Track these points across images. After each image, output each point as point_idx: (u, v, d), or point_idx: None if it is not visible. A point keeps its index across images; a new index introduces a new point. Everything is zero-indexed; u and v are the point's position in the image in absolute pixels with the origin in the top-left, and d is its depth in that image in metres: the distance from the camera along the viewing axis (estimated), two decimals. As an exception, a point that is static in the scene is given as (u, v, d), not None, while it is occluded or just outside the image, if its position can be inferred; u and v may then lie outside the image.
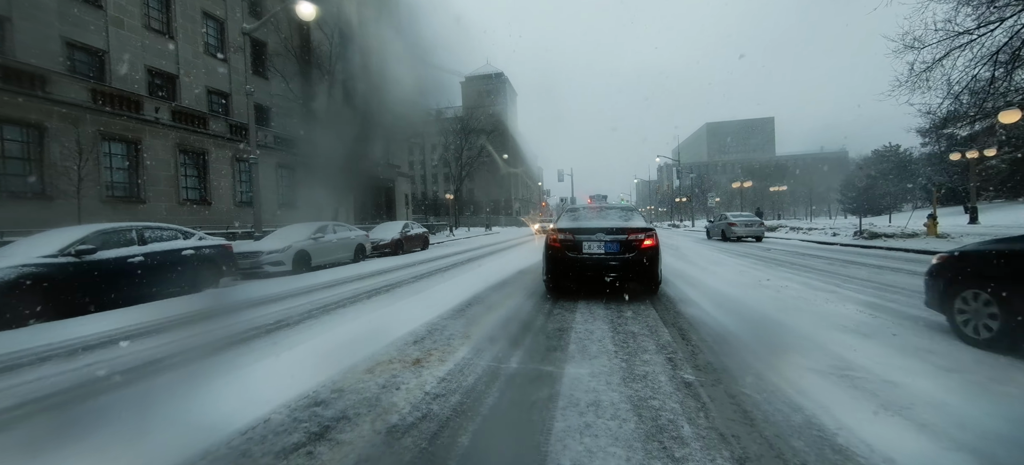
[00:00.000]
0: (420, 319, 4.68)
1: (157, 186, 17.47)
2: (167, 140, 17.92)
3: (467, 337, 4.01)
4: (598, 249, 5.54)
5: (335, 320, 4.99)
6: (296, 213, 24.98)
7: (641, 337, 3.93)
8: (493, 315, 4.86)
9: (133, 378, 3.28)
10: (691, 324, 4.31)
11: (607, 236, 5.57)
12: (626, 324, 4.39)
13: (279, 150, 24.21)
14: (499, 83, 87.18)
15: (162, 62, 19.41)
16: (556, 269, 5.80)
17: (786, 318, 4.42)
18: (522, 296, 6.02)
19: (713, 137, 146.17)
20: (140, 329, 4.82)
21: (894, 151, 41.44)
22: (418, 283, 7.83)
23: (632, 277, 5.61)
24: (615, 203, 8.19)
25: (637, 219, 6.29)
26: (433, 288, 7.07)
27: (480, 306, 5.37)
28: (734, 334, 3.89)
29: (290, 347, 3.91)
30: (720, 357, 3.32)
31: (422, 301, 5.90)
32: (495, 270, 9.09)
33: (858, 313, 4.52)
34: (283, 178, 24.95)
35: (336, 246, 12.21)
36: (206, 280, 8.24)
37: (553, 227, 6.01)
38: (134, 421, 2.56)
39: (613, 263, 5.47)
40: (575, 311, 5.02)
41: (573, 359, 3.35)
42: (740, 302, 5.37)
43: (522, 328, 4.31)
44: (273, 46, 24.26)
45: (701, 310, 4.94)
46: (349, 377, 3.05)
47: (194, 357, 3.85)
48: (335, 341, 4.11)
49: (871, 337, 3.71)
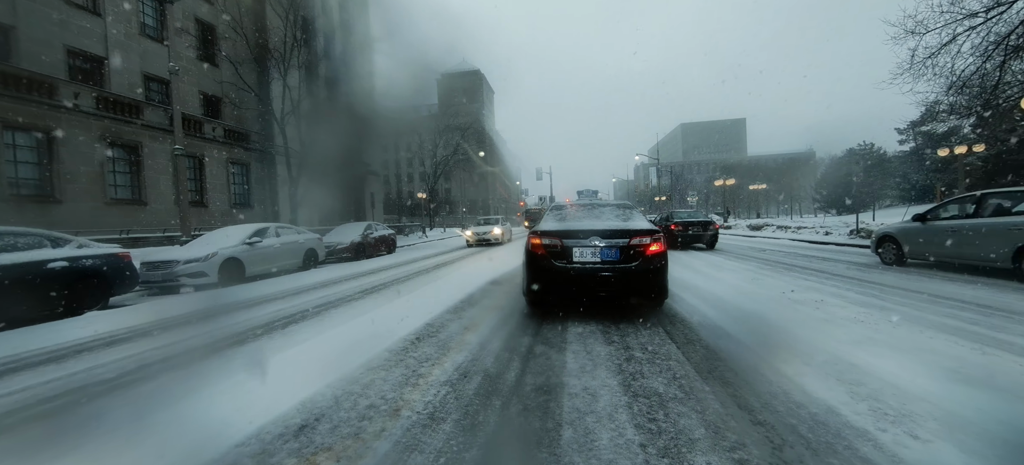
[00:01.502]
0: (333, 374, 3.09)
1: (77, 183, 15.13)
2: (89, 131, 15.57)
3: (396, 414, 2.47)
4: (593, 257, 4.38)
5: (180, 386, 3.34)
6: (250, 214, 22.77)
7: (673, 404, 2.48)
8: (447, 362, 3.32)
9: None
10: (735, 371, 2.91)
11: (604, 240, 4.40)
12: (643, 375, 2.94)
13: (231, 144, 21.94)
14: (476, 80, 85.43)
15: (85, 42, 16.97)
16: (540, 283, 4.53)
17: (874, 360, 3.10)
18: (492, 323, 4.50)
19: (688, 137, 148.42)
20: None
21: (869, 149, 42.02)
22: (364, 301, 6.20)
23: (636, 292, 4.49)
24: (609, 200, 6.82)
25: (638, 219, 5.12)
26: (377, 310, 5.46)
27: (431, 344, 3.83)
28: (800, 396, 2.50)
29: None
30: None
31: (352, 335, 4.30)
32: (462, 281, 7.54)
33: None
34: (236, 176, 22.68)
35: (279, 252, 10.39)
36: (90, 299, 6.40)
37: (535, 229, 4.85)
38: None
39: (613, 275, 4.30)
40: (565, 349, 3.54)
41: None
42: (776, 329, 4.03)
43: (486, 391, 2.79)
44: (222, 30, 22.00)
45: (735, 342, 3.56)
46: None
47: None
48: (152, 435, 2.50)
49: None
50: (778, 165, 76.00)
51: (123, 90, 17.73)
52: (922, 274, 7.12)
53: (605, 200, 6.38)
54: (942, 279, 6.55)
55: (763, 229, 22.19)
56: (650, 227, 4.65)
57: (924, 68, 11.57)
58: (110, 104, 16.32)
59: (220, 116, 22.88)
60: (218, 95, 22.66)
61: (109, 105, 16.28)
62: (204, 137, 20.41)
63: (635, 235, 4.43)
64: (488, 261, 11.15)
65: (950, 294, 5.35)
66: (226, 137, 21.72)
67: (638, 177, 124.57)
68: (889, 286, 6.04)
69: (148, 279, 8.30)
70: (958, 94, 11.92)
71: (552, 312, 4.90)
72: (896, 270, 7.68)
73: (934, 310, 4.54)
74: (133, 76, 18.67)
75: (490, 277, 7.80)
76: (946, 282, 6.28)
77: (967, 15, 10.89)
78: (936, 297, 5.20)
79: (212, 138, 20.86)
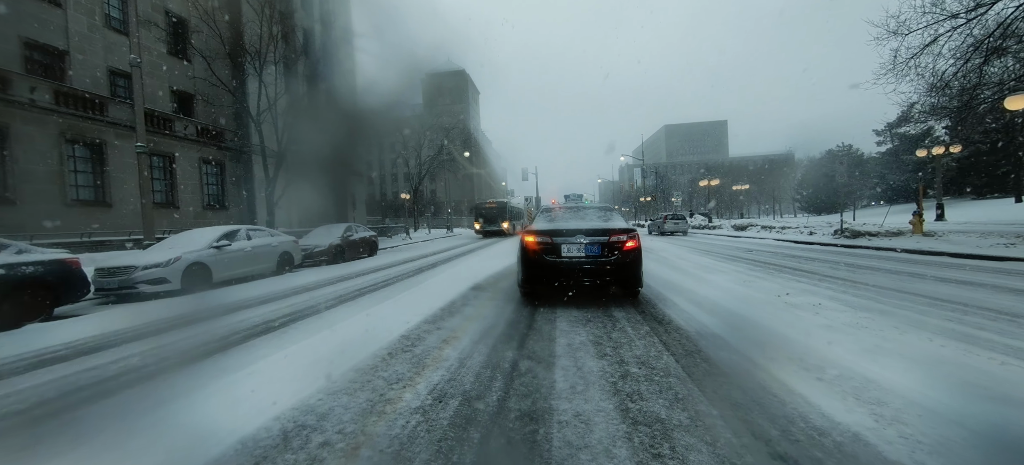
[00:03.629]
0: (287, 400, 2.68)
1: (32, 183, 14.21)
2: (47, 128, 14.66)
3: (353, 454, 2.08)
4: (578, 252, 5.16)
5: (101, 421, 2.89)
6: (225, 216, 21.89)
7: (679, 433, 2.15)
8: (421, 384, 2.95)
9: None
10: (743, 389, 2.61)
11: (587, 238, 5.18)
12: (641, 397, 2.61)
13: (204, 143, 21.06)
14: (461, 80, 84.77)
15: (45, 34, 16.00)
16: (533, 275, 5.33)
17: (867, 363, 2.83)
18: (474, 334, 4.14)
19: (671, 138, 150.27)
20: None
21: (847, 150, 42.92)
22: (336, 311, 5.75)
23: (615, 281, 5.26)
24: (591, 203, 7.46)
25: (617, 219, 5.88)
26: (348, 321, 5.03)
27: (405, 361, 3.44)
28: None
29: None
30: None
31: (315, 350, 3.88)
32: (443, 287, 7.15)
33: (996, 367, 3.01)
34: (210, 176, 21.79)
35: (249, 257, 9.81)
36: (30, 311, 5.81)
37: (529, 228, 5.55)
38: None
39: (594, 267, 5.11)
40: (554, 366, 3.19)
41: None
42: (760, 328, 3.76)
43: (463, 419, 2.42)
44: (195, 24, 21.07)
45: (738, 354, 3.26)
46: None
47: None
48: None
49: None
50: (759, 166, 77.23)
51: (86, 85, 16.79)
52: (915, 276, 7.00)
53: (589, 204, 6.85)
54: (936, 281, 6.43)
55: (748, 229, 22.29)
56: (627, 227, 5.38)
57: (907, 69, 11.61)
58: (70, 99, 15.40)
59: (193, 114, 21.96)
60: (191, 92, 21.73)
61: (69, 100, 15.36)
62: (175, 135, 19.52)
63: (614, 233, 5.17)
64: (473, 263, 10.77)
65: (949, 296, 5.19)
66: (199, 135, 20.84)
67: (623, 178, 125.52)
68: (886, 289, 5.87)
69: (103, 287, 7.68)
70: (939, 95, 12.01)
71: (539, 321, 4.56)
72: (886, 272, 7.56)
73: (938, 314, 4.34)
74: (97, 70, 17.72)
75: (473, 281, 7.43)
76: (941, 285, 6.14)
77: (949, 16, 10.96)
78: (936, 300, 5.02)
79: (184, 136, 19.97)
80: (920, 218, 12.37)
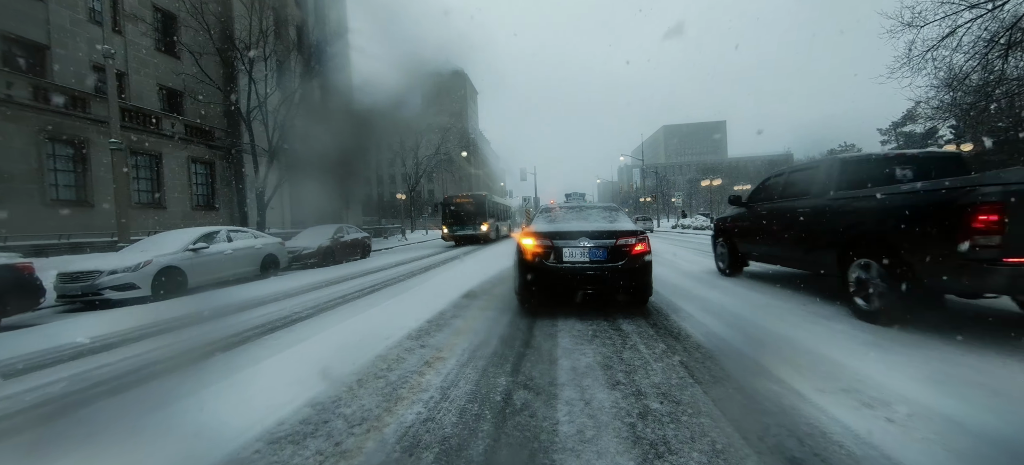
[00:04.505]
0: (217, 451, 2.10)
1: (10, 183, 13.59)
2: (24, 125, 14.05)
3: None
4: (581, 256, 4.63)
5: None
6: (214, 216, 21.29)
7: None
8: (390, 426, 2.37)
9: None
10: (799, 438, 2.04)
11: (592, 241, 4.64)
12: (669, 447, 2.04)
13: (193, 141, 20.46)
14: (459, 80, 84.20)
15: (25, 28, 15.39)
16: (531, 282, 4.79)
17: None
18: (461, 355, 3.56)
19: (670, 139, 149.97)
20: None
21: (849, 150, 42.35)
22: (308, 323, 5.17)
23: (622, 289, 4.71)
24: (595, 202, 6.68)
25: (624, 220, 5.32)
26: (321, 335, 4.46)
27: (376, 390, 2.87)
28: None
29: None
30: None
31: (272, 377, 3.30)
32: (434, 293, 6.58)
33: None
34: (198, 175, 21.18)
35: (230, 260, 9.22)
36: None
37: (527, 230, 5.03)
38: None
39: (600, 273, 4.57)
40: (556, 398, 2.61)
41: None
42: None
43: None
44: (184, 18, 20.46)
45: (779, 384, 2.70)
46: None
47: None
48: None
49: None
50: (757, 167, 76.86)
51: (69, 81, 16.17)
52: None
53: (592, 203, 6.28)
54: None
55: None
56: (635, 228, 4.85)
57: (923, 62, 11.07)
58: (49, 96, 14.78)
59: (183, 112, 21.35)
60: (180, 89, 21.11)
61: (50, 97, 14.74)
62: (162, 133, 18.90)
63: (621, 236, 4.64)
64: (467, 268, 10.22)
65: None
66: (187, 134, 20.24)
67: (622, 178, 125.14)
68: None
69: (66, 293, 7.10)
70: (957, 90, 11.48)
71: (537, 336, 3.99)
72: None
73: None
74: (81, 66, 17.10)
75: (466, 288, 6.85)
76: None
77: (968, 6, 10.42)
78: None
79: (171, 134, 19.35)
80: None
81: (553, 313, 4.86)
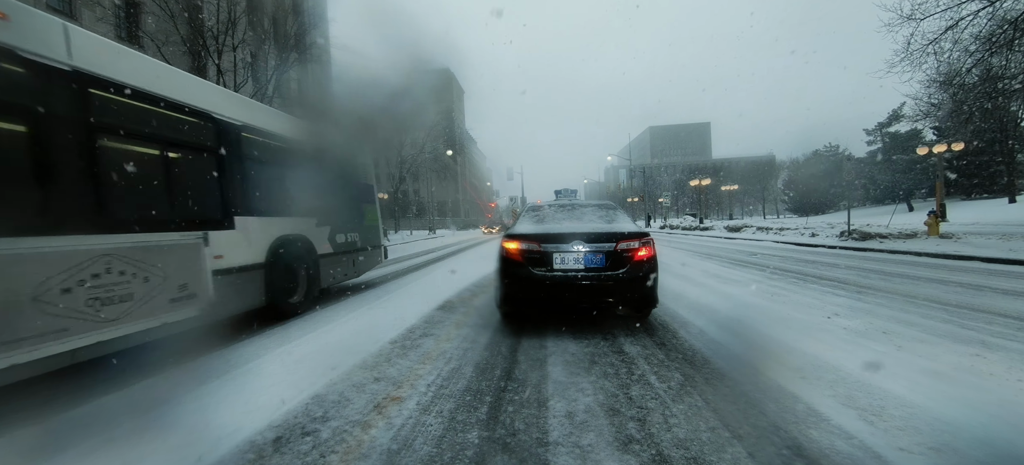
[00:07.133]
0: None
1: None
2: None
3: None
4: (575, 263, 3.87)
5: None
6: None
7: None
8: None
9: None
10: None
11: (588, 245, 3.88)
12: None
13: (156, 137, 19.12)
14: (445, 79, 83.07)
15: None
16: (515, 293, 4.04)
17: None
18: (426, 392, 2.80)
19: (656, 140, 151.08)
20: None
21: (834, 150, 42.83)
22: (237, 351, 4.34)
23: (624, 301, 3.97)
24: (590, 200, 5.74)
25: (623, 220, 4.57)
26: (266, 356, 3.64)
27: (293, 459, 2.08)
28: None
29: None
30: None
31: (171, 435, 2.50)
32: (406, 306, 5.81)
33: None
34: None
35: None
36: None
37: (511, 231, 4.26)
38: None
39: (597, 283, 3.80)
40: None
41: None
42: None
43: None
44: (148, 6, 19.18)
45: (834, 434, 2.01)
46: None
47: None
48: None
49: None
50: (741, 168, 77.47)
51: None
52: (974, 288, 5.90)
53: (586, 201, 5.51)
54: (1003, 294, 5.33)
55: (742, 230, 21.40)
56: (638, 230, 4.13)
57: (924, 56, 10.69)
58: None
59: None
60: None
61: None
62: (122, 127, 17.60)
63: (622, 239, 3.92)
64: (448, 273, 9.45)
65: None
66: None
67: (608, 178, 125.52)
68: (959, 307, 4.70)
69: None
70: (956, 89, 11.14)
71: (522, 364, 3.25)
72: (958, 286, 6.41)
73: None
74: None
75: (441, 299, 6.09)
76: (1017, 300, 5.04)
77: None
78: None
79: (133, 129, 18.05)
80: (937, 219, 11.45)
81: (541, 329, 4.12)
